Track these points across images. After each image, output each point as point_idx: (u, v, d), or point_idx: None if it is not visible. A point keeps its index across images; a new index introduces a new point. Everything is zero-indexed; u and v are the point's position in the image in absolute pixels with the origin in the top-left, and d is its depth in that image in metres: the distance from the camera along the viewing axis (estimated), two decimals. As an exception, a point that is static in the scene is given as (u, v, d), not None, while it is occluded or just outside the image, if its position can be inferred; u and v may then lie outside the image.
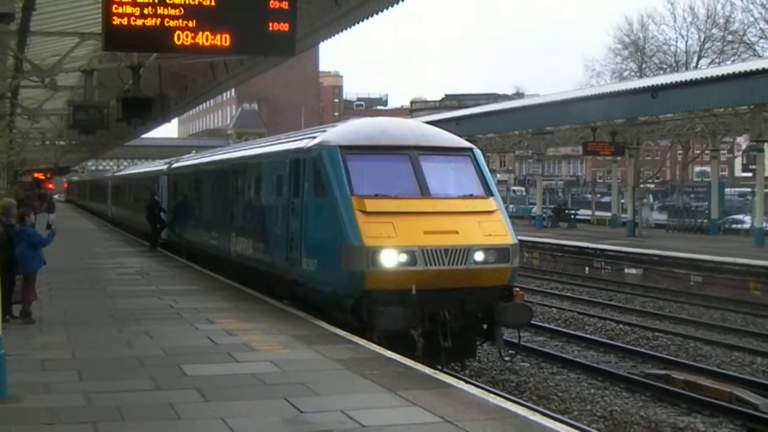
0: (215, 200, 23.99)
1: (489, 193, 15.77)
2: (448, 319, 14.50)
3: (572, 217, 55.87)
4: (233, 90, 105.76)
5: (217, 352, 12.41)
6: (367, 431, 8.40)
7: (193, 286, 20.61)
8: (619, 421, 13.53)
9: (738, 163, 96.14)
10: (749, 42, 67.30)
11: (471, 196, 15.52)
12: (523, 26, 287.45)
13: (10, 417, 8.84)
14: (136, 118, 19.49)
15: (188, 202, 28.38)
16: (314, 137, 16.65)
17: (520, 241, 16.00)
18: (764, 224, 36.58)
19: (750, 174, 66.86)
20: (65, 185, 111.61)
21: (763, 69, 31.86)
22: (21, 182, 54.36)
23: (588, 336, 20.90)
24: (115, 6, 9.08)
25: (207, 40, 9.42)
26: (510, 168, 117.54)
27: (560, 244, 39.77)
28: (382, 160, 15.61)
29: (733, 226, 47.28)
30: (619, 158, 51.53)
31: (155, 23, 9.16)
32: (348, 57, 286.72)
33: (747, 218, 45.65)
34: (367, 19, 16.76)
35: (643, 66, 72.72)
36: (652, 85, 38.03)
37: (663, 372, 16.61)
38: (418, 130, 16.91)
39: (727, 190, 56.13)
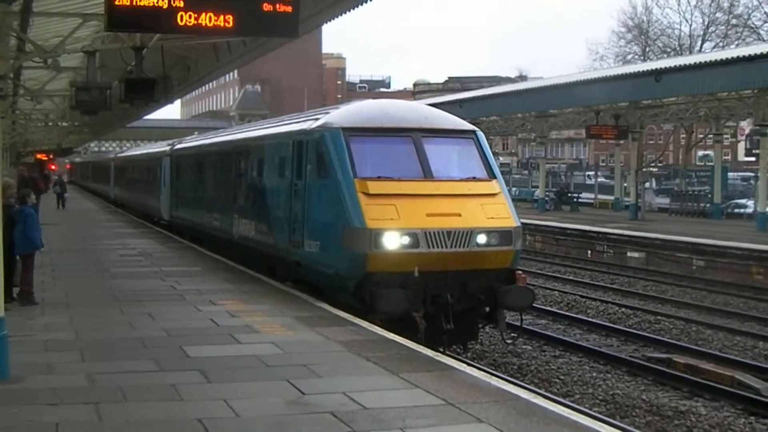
0: (218, 182, 23.99)
1: (492, 175, 15.75)
2: (450, 302, 14.50)
3: (575, 200, 55.87)
4: (236, 71, 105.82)
5: (220, 333, 12.44)
6: (369, 413, 8.40)
7: (196, 267, 20.64)
8: (620, 404, 13.55)
9: (741, 147, 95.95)
10: (753, 26, 67.00)
11: (474, 179, 15.50)
12: (532, 14, 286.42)
13: (12, 397, 8.86)
14: (138, 100, 19.41)
15: (191, 183, 28.37)
16: (317, 119, 16.62)
17: (522, 224, 15.99)
18: (767, 208, 36.53)
19: (753, 158, 66.71)
20: (68, 166, 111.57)
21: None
22: (25, 163, 54.31)
23: (590, 319, 20.93)
24: (117, -14, 9.04)
25: (210, 21, 9.37)
26: (513, 151, 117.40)
27: (563, 227, 39.80)
28: (385, 142, 15.58)
29: (736, 210, 47.28)
30: (622, 142, 51.49)
31: (158, 3, 9.12)
32: (350, 40, 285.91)
33: (750, 203, 45.64)
34: (370, 0, 16.68)
35: (647, 49, 72.32)
36: (656, 69, 38.00)
37: (665, 356, 16.63)
38: (422, 112, 16.88)
39: (729, 174, 56.10)
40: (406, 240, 14.17)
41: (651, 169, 73.07)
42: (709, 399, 13.99)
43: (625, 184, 53.64)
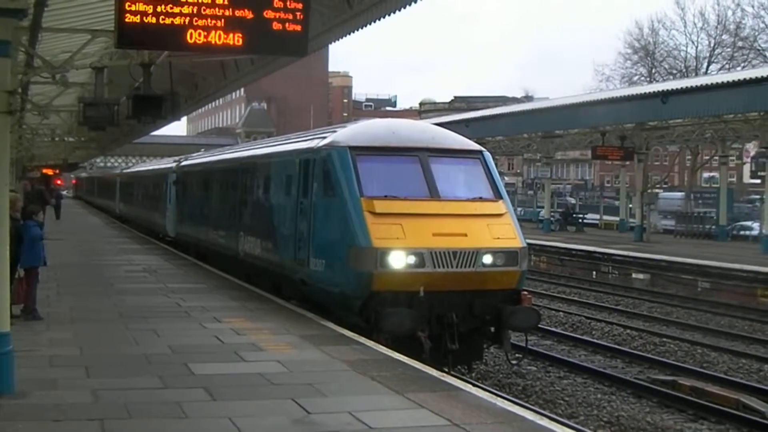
0: (224, 199, 24.00)
1: (498, 196, 15.75)
2: (455, 322, 14.50)
3: (580, 221, 55.82)
4: (242, 89, 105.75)
5: (225, 351, 12.42)
6: (375, 433, 8.39)
7: (201, 284, 20.62)
8: (625, 426, 13.51)
9: (747, 169, 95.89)
10: (760, 48, 67.13)
11: (480, 199, 15.51)
12: (537, 34, 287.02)
13: (17, 413, 8.86)
14: (146, 116, 19.40)
15: (197, 200, 28.39)
16: (324, 137, 16.64)
17: (528, 244, 15.98)
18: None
19: (759, 180, 66.65)
20: (73, 181, 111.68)
21: (774, 76, 31.74)
22: (30, 178, 54.48)
23: (595, 341, 20.88)
24: (128, 4, 9.04)
25: (219, 39, 9.38)
26: (518, 171, 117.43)
27: (568, 248, 39.76)
28: (391, 162, 15.59)
29: (741, 232, 47.22)
30: (627, 163, 51.47)
31: (168, 21, 9.13)
32: (357, 58, 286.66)
33: (755, 225, 45.58)
34: (379, 20, 16.67)
35: (653, 71, 72.50)
36: (662, 90, 37.95)
37: (670, 378, 16.59)
38: (429, 131, 16.90)
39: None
40: (411, 259, 14.17)
41: (656, 190, 73.02)
42: (714, 422, 13.94)
43: (630, 205, 53.61)
